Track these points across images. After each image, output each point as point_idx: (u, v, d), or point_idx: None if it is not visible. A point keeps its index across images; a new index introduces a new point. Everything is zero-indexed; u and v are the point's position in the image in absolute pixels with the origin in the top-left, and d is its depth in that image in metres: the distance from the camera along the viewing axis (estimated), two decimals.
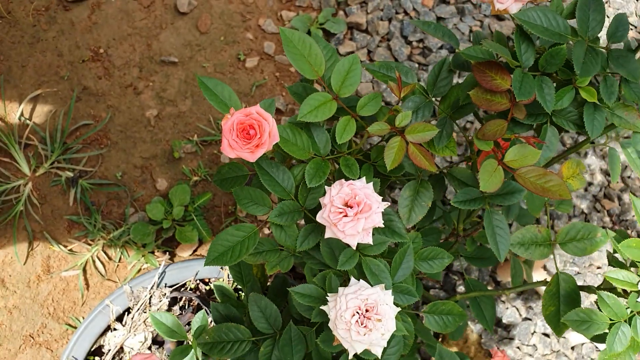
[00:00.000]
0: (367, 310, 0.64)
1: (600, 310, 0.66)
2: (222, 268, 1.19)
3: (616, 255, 0.82)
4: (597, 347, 1.54)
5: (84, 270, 1.51)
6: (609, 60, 0.62)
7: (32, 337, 1.48)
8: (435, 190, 0.74)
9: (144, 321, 1.12)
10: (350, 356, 0.64)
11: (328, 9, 1.60)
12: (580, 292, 0.79)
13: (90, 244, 1.51)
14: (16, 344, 1.47)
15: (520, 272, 1.08)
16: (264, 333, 0.83)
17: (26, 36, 1.51)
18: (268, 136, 0.60)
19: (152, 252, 1.52)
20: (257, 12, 1.63)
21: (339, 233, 0.63)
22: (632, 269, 0.73)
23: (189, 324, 1.18)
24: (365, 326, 0.63)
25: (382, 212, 0.67)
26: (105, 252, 1.52)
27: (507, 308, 1.55)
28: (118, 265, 1.53)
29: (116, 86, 1.55)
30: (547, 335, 1.55)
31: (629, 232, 1.62)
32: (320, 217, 0.64)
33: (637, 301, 0.64)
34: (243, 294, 1.06)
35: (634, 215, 1.61)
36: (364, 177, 0.64)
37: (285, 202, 0.69)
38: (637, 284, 0.64)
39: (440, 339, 1.50)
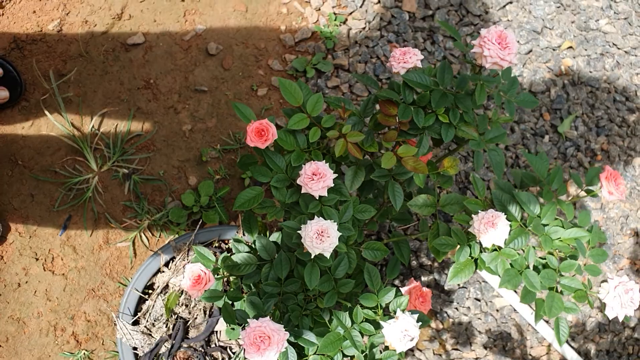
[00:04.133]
0: (321, 232, 1.16)
1: (452, 237, 1.18)
2: (236, 232, 1.71)
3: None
4: (514, 310, 2.04)
5: (133, 243, 2.02)
6: (455, 99, 1.14)
7: (94, 291, 2.00)
8: (367, 171, 1.26)
9: (183, 266, 1.64)
10: (313, 255, 1.16)
11: (319, 54, 2.15)
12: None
13: (138, 223, 2.03)
14: (82, 295, 1.99)
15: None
16: (265, 260, 1.35)
17: (98, 70, 2.06)
18: (271, 135, 1.14)
19: (184, 230, 2.04)
20: (267, 55, 2.18)
21: (309, 189, 1.16)
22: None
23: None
24: (321, 240, 1.15)
25: (335, 183, 1.21)
26: (149, 230, 2.04)
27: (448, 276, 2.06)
28: (158, 240, 2.05)
29: (161, 107, 2.09)
30: (478, 299, 2.06)
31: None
32: (299, 181, 1.17)
33: (469, 230, 1.16)
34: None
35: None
36: (324, 161, 1.17)
37: (279, 175, 1.22)
38: (470, 222, 1.16)
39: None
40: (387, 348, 1.39)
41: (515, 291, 2.04)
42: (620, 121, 2.15)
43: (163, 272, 1.64)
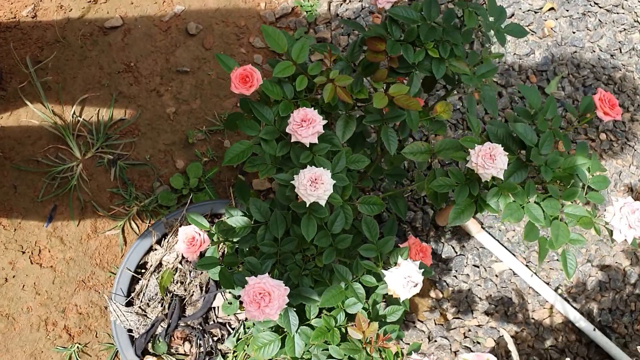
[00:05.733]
0: (315, 180, 1.13)
1: (450, 177, 1.15)
2: (228, 205, 1.67)
3: None
4: (514, 273, 2.02)
5: (123, 230, 1.97)
6: (444, 33, 1.12)
7: (84, 282, 1.94)
8: (358, 122, 1.23)
9: (176, 242, 1.59)
10: (308, 205, 1.12)
11: (301, 28, 2.12)
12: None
13: (127, 210, 1.98)
14: (72, 287, 1.93)
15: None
16: (259, 222, 1.32)
17: (76, 55, 2.02)
18: (256, 81, 1.10)
19: None
20: (248, 32, 2.15)
21: (299, 137, 1.13)
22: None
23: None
24: (315, 187, 1.12)
25: (326, 134, 1.18)
26: (138, 216, 2.00)
27: (444, 245, 2.03)
28: (149, 226, 2.01)
29: (143, 90, 2.05)
30: (476, 266, 2.03)
31: None
32: (288, 129, 1.13)
33: (465, 172, 1.13)
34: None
35: None
36: (312, 108, 1.14)
37: (268, 127, 1.18)
38: (467, 157, 1.13)
39: None
40: (389, 303, 1.35)
41: (514, 254, 2.01)
42: (607, 79, 2.14)
43: (155, 250, 1.60)
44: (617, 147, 2.07)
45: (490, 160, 1.05)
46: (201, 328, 1.58)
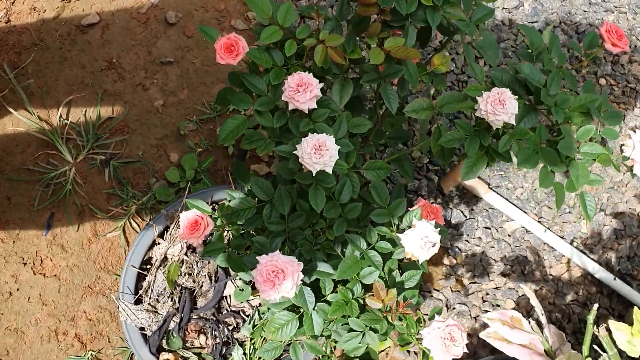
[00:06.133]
0: (319, 146, 1.07)
1: (458, 131, 1.10)
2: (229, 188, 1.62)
3: None
4: (527, 231, 1.97)
5: (124, 231, 1.92)
6: None
7: (90, 288, 1.89)
8: (355, 85, 1.18)
9: (179, 234, 1.54)
10: (314, 173, 1.07)
11: None
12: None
13: (125, 210, 1.93)
14: (79, 294, 1.88)
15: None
16: (263, 201, 1.27)
17: (56, 57, 1.96)
18: (242, 49, 1.05)
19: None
20: (229, 15, 2.09)
21: (296, 103, 1.07)
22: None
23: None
24: (320, 154, 1.07)
25: (323, 99, 1.13)
26: (138, 215, 1.94)
27: (453, 211, 1.98)
28: (149, 221, 1.95)
29: (129, 86, 1.99)
30: (488, 228, 1.98)
31: None
32: (284, 97, 1.08)
33: (473, 124, 1.08)
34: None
35: None
36: (306, 72, 1.09)
37: (262, 97, 1.13)
38: (475, 106, 1.08)
39: None
40: (405, 270, 1.30)
41: (525, 212, 1.97)
42: (600, 24, 2.09)
43: (159, 244, 1.55)
44: (618, 90, 2.02)
45: (500, 105, 1.01)
46: (215, 318, 1.53)
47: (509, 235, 1.97)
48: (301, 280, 1.20)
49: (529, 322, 1.36)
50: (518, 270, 1.95)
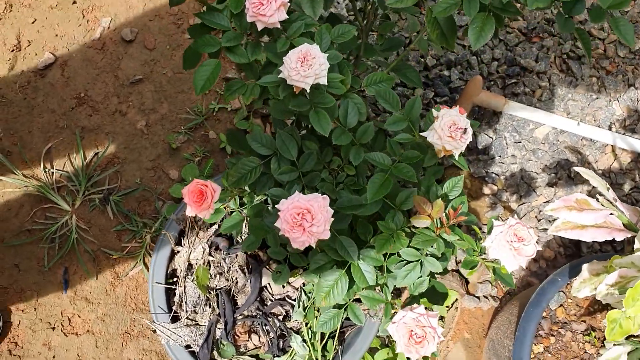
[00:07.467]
0: (304, 57, 0.94)
1: None
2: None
3: None
4: (560, 131, 1.81)
5: (144, 264, 1.79)
6: None
7: (128, 333, 1.75)
8: None
9: (197, 235, 1.41)
10: (307, 90, 0.94)
11: None
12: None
13: (140, 242, 1.80)
14: (118, 343, 1.74)
15: None
16: (266, 155, 1.13)
17: (22, 109, 1.85)
18: None
19: None
20: (185, 17, 1.98)
21: (263, 18, 0.93)
22: None
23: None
24: (308, 65, 0.93)
25: (294, 15, 1.00)
26: (154, 243, 1.81)
27: (477, 136, 1.83)
28: (160, 232, 1.82)
29: (105, 116, 1.87)
30: (518, 142, 1.82)
31: None
32: (248, 17, 0.94)
33: None
34: None
35: None
36: None
37: (227, 33, 1.00)
38: None
39: None
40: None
41: (551, 112, 1.82)
42: None
43: (178, 252, 1.41)
44: None
45: None
46: (261, 312, 1.39)
47: (543, 142, 1.82)
48: (336, 231, 1.06)
49: (598, 199, 1.20)
50: (564, 176, 1.79)
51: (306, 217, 0.95)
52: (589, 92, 1.82)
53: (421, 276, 1.11)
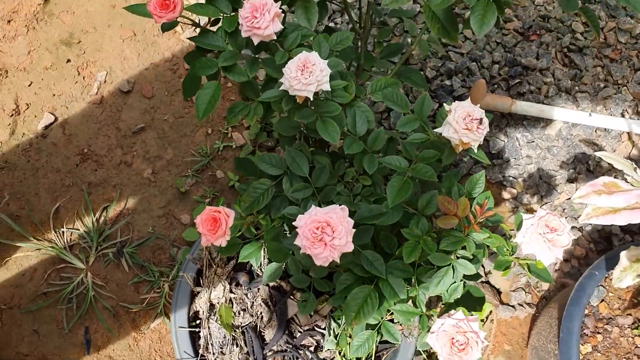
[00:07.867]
0: (304, 65, 0.91)
1: None
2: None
3: None
4: (572, 125, 1.77)
5: (165, 314, 1.74)
6: None
7: None
8: (321, 7, 1.04)
9: (215, 273, 1.36)
10: (311, 98, 0.91)
11: None
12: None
13: (159, 291, 1.75)
14: None
15: None
16: (277, 176, 1.09)
17: (27, 172, 1.83)
18: (179, 2, 0.91)
19: None
20: (180, 61, 1.97)
21: (258, 31, 0.92)
22: None
23: None
24: (308, 73, 0.90)
25: (289, 26, 0.98)
26: (172, 291, 1.76)
27: (489, 140, 1.79)
28: (178, 274, 1.77)
29: (111, 169, 1.85)
30: (531, 141, 1.78)
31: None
32: (244, 33, 0.93)
33: None
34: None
35: None
36: None
37: (223, 53, 0.98)
38: None
39: None
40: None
41: (560, 106, 1.78)
42: None
43: (198, 293, 1.36)
44: None
45: None
46: (291, 345, 1.32)
47: (556, 139, 1.77)
48: (359, 246, 1.02)
49: (627, 180, 1.15)
50: (583, 169, 1.74)
51: (326, 230, 0.91)
52: (595, 81, 1.79)
53: (454, 281, 1.06)
